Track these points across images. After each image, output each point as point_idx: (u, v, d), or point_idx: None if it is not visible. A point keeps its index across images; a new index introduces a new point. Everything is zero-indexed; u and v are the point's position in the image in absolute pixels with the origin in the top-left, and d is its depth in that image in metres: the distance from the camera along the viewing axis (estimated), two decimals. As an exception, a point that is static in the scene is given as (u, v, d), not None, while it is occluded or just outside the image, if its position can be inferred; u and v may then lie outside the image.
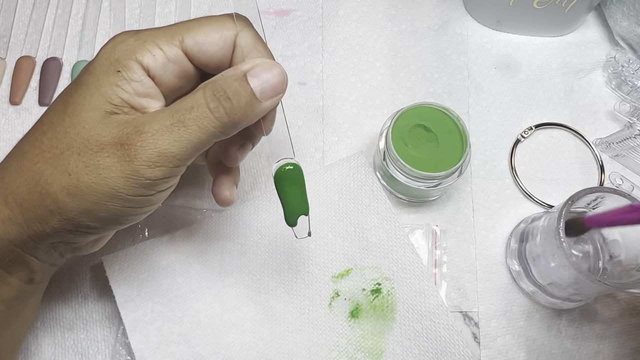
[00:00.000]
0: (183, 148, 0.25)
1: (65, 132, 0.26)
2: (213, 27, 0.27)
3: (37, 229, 0.26)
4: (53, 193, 0.25)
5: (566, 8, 0.43)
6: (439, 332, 0.36)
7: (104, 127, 0.25)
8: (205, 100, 0.26)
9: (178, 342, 0.36)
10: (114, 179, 0.25)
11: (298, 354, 0.36)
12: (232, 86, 0.26)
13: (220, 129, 0.26)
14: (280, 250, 0.38)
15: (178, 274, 0.37)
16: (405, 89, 0.46)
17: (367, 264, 0.38)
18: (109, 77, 0.26)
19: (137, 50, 0.26)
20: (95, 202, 0.25)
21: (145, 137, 0.25)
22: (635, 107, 0.43)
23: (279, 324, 0.37)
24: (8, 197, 0.26)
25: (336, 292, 0.37)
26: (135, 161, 0.25)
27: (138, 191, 0.26)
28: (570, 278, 0.33)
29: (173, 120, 0.25)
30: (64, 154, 0.25)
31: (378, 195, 0.40)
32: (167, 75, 0.27)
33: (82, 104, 0.26)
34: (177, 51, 0.27)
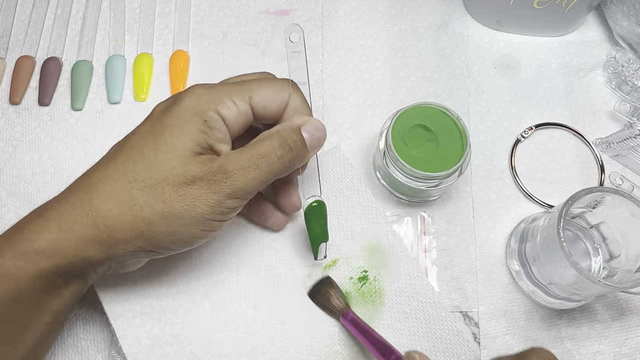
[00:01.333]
0: (255, 185, 0.31)
1: (160, 166, 0.30)
2: (274, 89, 0.33)
3: (122, 248, 0.30)
4: (147, 217, 0.30)
5: (566, 8, 0.43)
6: (427, 311, 0.37)
7: (195, 165, 0.30)
8: (274, 149, 0.32)
9: (170, 342, 0.36)
10: (202, 207, 0.30)
11: (292, 345, 0.36)
12: (293, 138, 0.32)
13: (282, 171, 0.32)
14: (267, 245, 0.39)
15: (164, 275, 0.37)
16: (405, 88, 0.46)
17: (353, 253, 0.39)
18: (198, 125, 0.31)
19: (218, 104, 0.32)
20: (183, 225, 0.30)
21: (229, 175, 0.30)
22: (635, 107, 0.43)
23: (270, 318, 0.37)
24: (97, 219, 0.30)
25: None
26: (221, 193, 0.30)
27: (217, 217, 0.31)
28: (570, 278, 0.33)
29: (250, 163, 0.31)
30: (159, 184, 0.30)
31: (358, 186, 0.41)
32: (237, 125, 0.33)
33: (174, 144, 0.31)
34: (247, 106, 0.32)
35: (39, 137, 0.44)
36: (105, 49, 0.47)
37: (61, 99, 0.46)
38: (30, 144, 0.44)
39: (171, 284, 0.37)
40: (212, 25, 0.48)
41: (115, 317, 0.36)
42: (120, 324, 0.36)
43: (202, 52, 0.47)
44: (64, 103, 0.45)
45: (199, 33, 0.48)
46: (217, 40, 0.48)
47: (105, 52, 0.47)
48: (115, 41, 0.47)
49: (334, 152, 0.42)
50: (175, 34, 0.48)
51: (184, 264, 0.38)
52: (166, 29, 0.48)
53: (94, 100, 0.46)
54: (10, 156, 0.43)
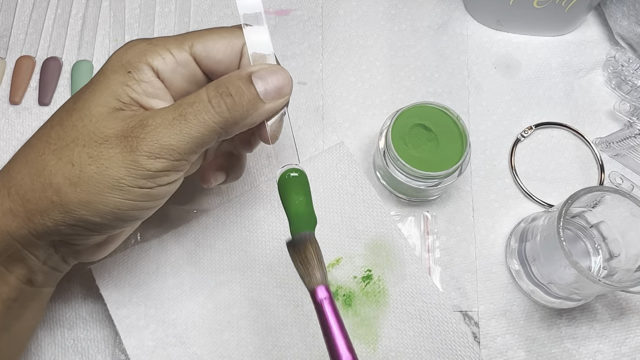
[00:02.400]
0: (183, 141, 0.26)
1: (73, 125, 0.27)
2: (222, 35, 0.29)
3: (38, 221, 0.27)
4: (56, 183, 0.26)
5: (566, 7, 0.43)
6: (431, 311, 0.37)
7: (110, 121, 0.26)
8: (208, 96, 0.26)
9: (174, 344, 0.36)
10: (115, 168, 0.26)
11: (295, 345, 0.36)
12: (236, 84, 0.27)
13: (221, 125, 0.27)
14: (269, 245, 0.39)
15: (169, 276, 0.37)
16: (405, 88, 0.46)
17: (357, 251, 0.38)
18: (120, 77, 0.27)
19: (148, 53, 0.27)
20: (97, 192, 0.26)
21: (148, 129, 0.26)
22: (635, 106, 0.43)
23: (274, 318, 0.37)
24: (11, 188, 0.27)
25: (328, 281, 0.38)
26: (137, 152, 0.25)
27: (138, 182, 0.26)
28: (570, 277, 0.33)
29: (175, 114, 0.26)
30: (69, 145, 0.26)
31: (362, 183, 0.40)
32: (176, 79, 0.28)
33: (90, 100, 0.27)
34: (186, 56, 0.28)
35: (39, 137, 0.44)
36: (105, 49, 0.47)
37: (61, 98, 0.46)
38: (30, 144, 0.44)
39: (175, 285, 0.37)
40: (212, 25, 0.48)
41: (119, 319, 0.36)
42: (124, 325, 0.36)
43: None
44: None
45: (199, 33, 0.48)
46: (217, 40, 0.48)
47: (105, 52, 0.47)
48: (115, 41, 0.47)
49: (337, 148, 0.41)
50: (175, 34, 0.48)
51: (188, 265, 0.38)
52: (166, 29, 0.48)
53: (94, 100, 0.46)
54: (10, 156, 0.43)
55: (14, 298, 0.29)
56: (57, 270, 0.31)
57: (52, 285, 0.32)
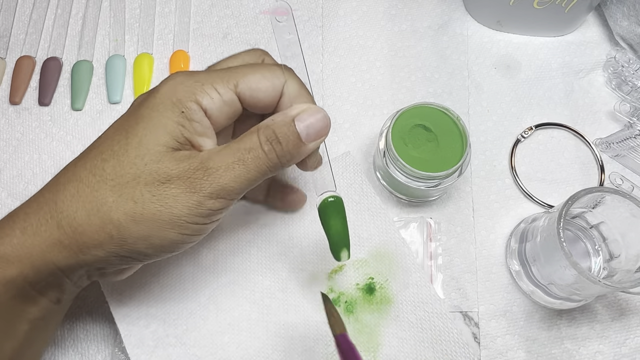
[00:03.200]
0: (241, 183, 0.28)
1: (131, 163, 0.27)
2: (264, 75, 0.30)
3: (90, 253, 0.28)
4: (116, 219, 0.27)
5: (566, 8, 0.43)
6: (432, 321, 0.37)
7: (171, 162, 0.27)
8: (260, 143, 0.28)
9: (174, 344, 0.36)
10: (179, 207, 0.27)
11: (295, 350, 0.36)
12: (282, 131, 0.28)
13: (271, 168, 0.29)
14: (273, 248, 0.39)
15: (170, 276, 0.37)
16: (405, 88, 0.46)
17: (360, 259, 0.38)
18: (174, 116, 0.28)
19: (198, 92, 0.28)
20: (157, 228, 0.27)
21: (210, 172, 0.27)
22: (635, 107, 0.43)
23: (275, 322, 0.37)
24: (62, 221, 0.27)
25: (330, 288, 0.38)
26: (201, 193, 0.27)
27: (197, 220, 0.28)
28: (570, 278, 0.33)
29: (234, 158, 0.28)
30: (130, 183, 0.27)
31: (367, 192, 0.40)
32: (221, 116, 0.30)
33: (147, 138, 0.28)
34: (232, 95, 0.29)
35: (39, 137, 0.44)
36: (105, 49, 0.47)
37: (61, 99, 0.46)
38: (30, 144, 0.44)
39: (177, 286, 0.37)
40: (212, 25, 0.48)
41: (120, 317, 0.36)
42: (125, 324, 0.36)
43: (202, 52, 0.47)
44: (64, 103, 0.45)
45: (199, 33, 0.48)
46: (217, 40, 0.48)
47: (106, 52, 0.47)
48: (116, 41, 0.47)
49: (344, 157, 0.42)
50: (175, 34, 0.48)
51: (190, 266, 0.38)
52: (166, 29, 0.48)
53: (94, 100, 0.46)
54: (10, 156, 0.43)
55: (42, 317, 0.30)
56: (81, 287, 0.32)
57: (71, 300, 0.33)
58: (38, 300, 0.29)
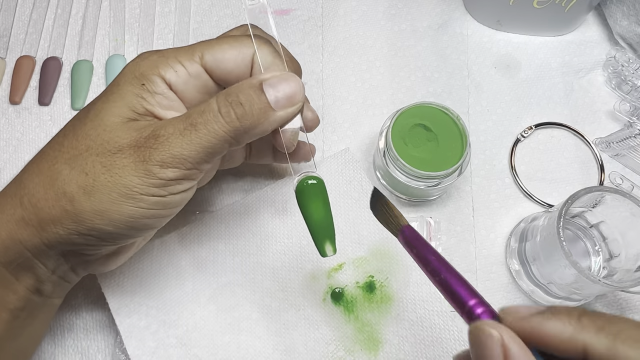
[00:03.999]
0: (194, 151, 0.26)
1: (86, 134, 0.27)
2: (231, 44, 0.29)
3: (51, 230, 0.27)
4: (69, 192, 0.26)
5: (566, 7, 0.43)
6: (432, 319, 0.37)
7: (124, 131, 0.27)
8: (218, 105, 0.26)
9: (175, 345, 0.36)
10: (128, 177, 0.26)
11: (295, 350, 0.36)
12: (246, 93, 0.27)
13: (231, 134, 0.27)
14: (273, 248, 0.39)
15: (171, 277, 0.37)
16: (405, 88, 0.46)
17: (360, 257, 0.38)
18: (134, 89, 0.27)
19: (160, 66, 0.28)
20: (110, 201, 0.26)
21: (160, 139, 0.26)
22: (635, 106, 0.43)
23: (275, 322, 0.37)
24: (24, 197, 0.27)
25: (330, 286, 0.38)
26: (149, 162, 0.26)
27: (151, 190, 0.26)
28: (570, 277, 0.33)
29: (185, 124, 0.26)
30: (83, 154, 0.26)
31: (367, 189, 0.40)
32: (189, 90, 0.29)
33: (104, 110, 0.27)
34: (197, 67, 0.28)
35: (39, 137, 0.44)
36: (105, 49, 0.47)
37: (61, 98, 0.46)
38: (30, 144, 0.44)
39: (177, 286, 0.37)
40: (212, 25, 0.48)
41: (121, 319, 0.36)
42: (125, 325, 0.36)
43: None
44: (64, 103, 0.45)
45: (199, 33, 0.48)
46: (217, 40, 0.48)
47: (106, 51, 0.47)
48: (116, 41, 0.47)
49: (343, 154, 0.42)
50: (175, 34, 0.48)
51: (190, 267, 0.38)
52: (166, 28, 0.48)
53: (94, 100, 0.46)
54: (10, 156, 0.43)
55: (22, 307, 0.29)
56: (65, 280, 0.31)
57: (60, 297, 0.32)
58: (15, 287, 0.29)
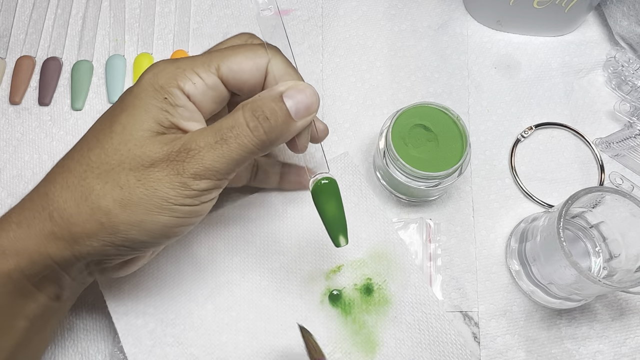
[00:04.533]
0: (224, 163, 0.27)
1: (115, 149, 0.28)
2: (246, 55, 0.29)
3: (84, 243, 0.27)
4: (105, 206, 0.27)
5: (566, 8, 0.43)
6: (430, 322, 0.37)
7: (154, 145, 0.27)
8: (245, 120, 0.28)
9: (171, 344, 0.36)
10: (164, 190, 0.27)
11: (292, 351, 0.36)
12: (270, 106, 0.28)
13: (258, 147, 0.28)
14: (272, 248, 0.39)
15: (169, 275, 0.37)
16: (405, 88, 0.46)
17: (358, 259, 0.39)
18: (157, 102, 0.28)
19: (179, 78, 0.28)
20: (146, 213, 0.27)
21: (192, 153, 0.27)
22: (635, 106, 0.43)
23: (273, 322, 0.37)
24: (53, 212, 0.27)
25: (328, 288, 0.38)
26: (184, 174, 0.27)
27: (185, 201, 0.28)
28: (570, 278, 0.33)
29: (216, 137, 0.27)
30: (115, 169, 0.27)
31: (366, 193, 0.40)
32: (206, 101, 0.29)
33: (131, 124, 0.28)
34: (214, 79, 0.29)
35: (39, 137, 0.44)
36: (105, 49, 0.47)
37: (61, 98, 0.46)
38: (30, 144, 0.44)
39: (175, 285, 0.37)
40: (212, 25, 0.48)
41: (118, 316, 0.36)
42: (122, 323, 0.36)
43: (202, 51, 0.47)
44: (64, 103, 0.45)
45: (199, 33, 0.48)
46: (217, 40, 0.47)
47: (106, 52, 0.47)
48: (116, 41, 0.47)
49: (342, 158, 0.42)
50: (175, 34, 0.48)
51: (188, 266, 0.38)
52: (166, 28, 0.48)
53: (94, 100, 0.46)
54: (10, 156, 0.43)
55: (41, 315, 0.30)
56: (82, 284, 0.32)
57: (74, 299, 0.33)
58: (36, 296, 0.29)
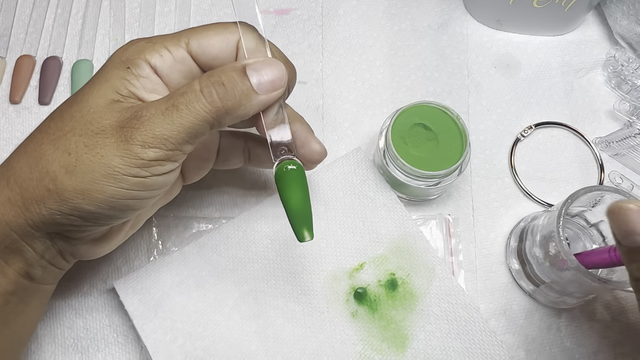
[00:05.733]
0: (176, 131, 0.26)
1: (71, 116, 0.28)
2: (217, 31, 0.29)
3: (34, 210, 0.27)
4: (52, 171, 0.27)
5: (566, 7, 0.43)
6: (457, 312, 0.37)
7: (107, 112, 0.27)
8: (200, 85, 0.27)
9: (202, 357, 0.35)
10: (110, 157, 0.26)
11: (323, 352, 0.36)
12: (229, 74, 0.27)
13: (213, 114, 0.27)
14: (292, 252, 0.38)
15: (192, 288, 0.37)
16: (405, 87, 0.46)
17: (380, 255, 0.38)
18: (119, 72, 0.28)
19: (146, 51, 0.28)
20: (92, 181, 0.26)
21: (142, 120, 0.26)
22: (634, 106, 0.43)
23: (300, 326, 0.37)
24: (10, 178, 0.28)
25: (352, 287, 0.38)
26: (131, 141, 0.26)
27: (132, 171, 0.27)
28: (570, 277, 0.33)
29: (167, 104, 0.27)
30: (67, 135, 0.27)
31: (382, 187, 0.40)
32: (174, 75, 0.29)
33: (90, 92, 0.28)
34: (183, 52, 0.29)
35: (39, 136, 0.44)
36: (105, 49, 0.47)
37: (61, 98, 0.46)
38: (30, 143, 0.44)
39: (199, 298, 0.37)
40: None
41: (146, 334, 0.36)
42: (152, 340, 0.36)
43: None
44: (64, 102, 0.45)
45: (199, 32, 0.48)
46: (217, 40, 0.48)
47: (106, 51, 0.47)
48: (116, 40, 0.47)
49: (355, 153, 0.41)
50: (174, 32, 0.48)
51: (211, 277, 0.38)
52: (166, 28, 0.48)
53: (94, 99, 0.46)
54: (11, 155, 0.44)
55: (13, 291, 0.29)
56: (55, 266, 0.31)
57: (52, 283, 0.32)
58: (5, 269, 0.29)
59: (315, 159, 0.33)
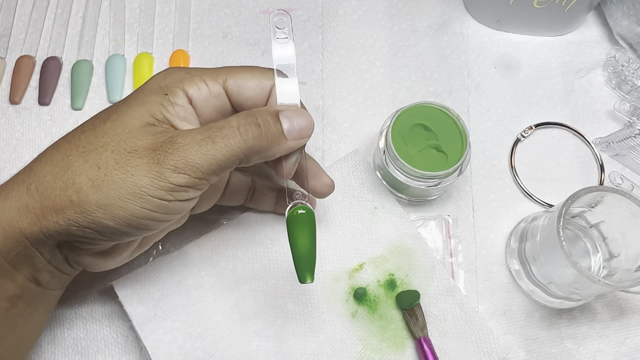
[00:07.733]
0: (207, 162, 0.28)
1: (104, 132, 0.28)
2: (254, 74, 0.31)
3: (52, 219, 0.27)
4: (78, 183, 0.27)
5: (566, 7, 0.43)
6: (454, 312, 0.37)
7: (142, 134, 0.28)
8: (237, 123, 0.28)
9: (202, 357, 0.35)
10: (139, 177, 0.27)
11: (323, 352, 0.36)
12: (264, 117, 0.29)
13: (245, 151, 0.28)
14: None
15: (192, 288, 0.37)
16: (405, 88, 0.46)
17: (379, 256, 0.39)
18: (156, 97, 0.29)
19: (185, 81, 0.30)
20: (117, 197, 0.27)
21: (177, 146, 0.27)
22: (635, 106, 0.43)
23: (301, 326, 0.37)
24: (31, 185, 0.28)
25: (352, 287, 0.38)
26: (163, 165, 0.27)
27: (158, 193, 0.27)
28: (570, 277, 0.33)
29: (204, 135, 0.28)
30: (98, 149, 0.28)
31: (380, 190, 0.40)
32: (207, 108, 0.30)
33: (125, 112, 0.29)
34: (219, 88, 0.30)
35: (39, 136, 0.44)
36: (105, 49, 0.47)
37: (61, 98, 0.46)
38: (30, 144, 0.44)
39: (199, 298, 0.37)
40: (212, 25, 0.48)
41: (146, 334, 0.36)
42: (151, 340, 0.35)
43: (202, 51, 0.47)
44: (64, 102, 0.45)
45: (199, 33, 0.48)
46: (217, 40, 0.48)
47: (105, 51, 0.47)
48: (116, 41, 0.47)
49: (353, 155, 0.42)
50: (175, 34, 0.48)
51: (210, 277, 0.38)
52: (166, 28, 0.48)
53: (94, 99, 0.46)
54: (10, 156, 0.43)
55: (20, 296, 0.30)
56: (62, 272, 0.31)
57: (59, 288, 0.33)
58: (14, 275, 0.29)
59: (325, 192, 0.35)
